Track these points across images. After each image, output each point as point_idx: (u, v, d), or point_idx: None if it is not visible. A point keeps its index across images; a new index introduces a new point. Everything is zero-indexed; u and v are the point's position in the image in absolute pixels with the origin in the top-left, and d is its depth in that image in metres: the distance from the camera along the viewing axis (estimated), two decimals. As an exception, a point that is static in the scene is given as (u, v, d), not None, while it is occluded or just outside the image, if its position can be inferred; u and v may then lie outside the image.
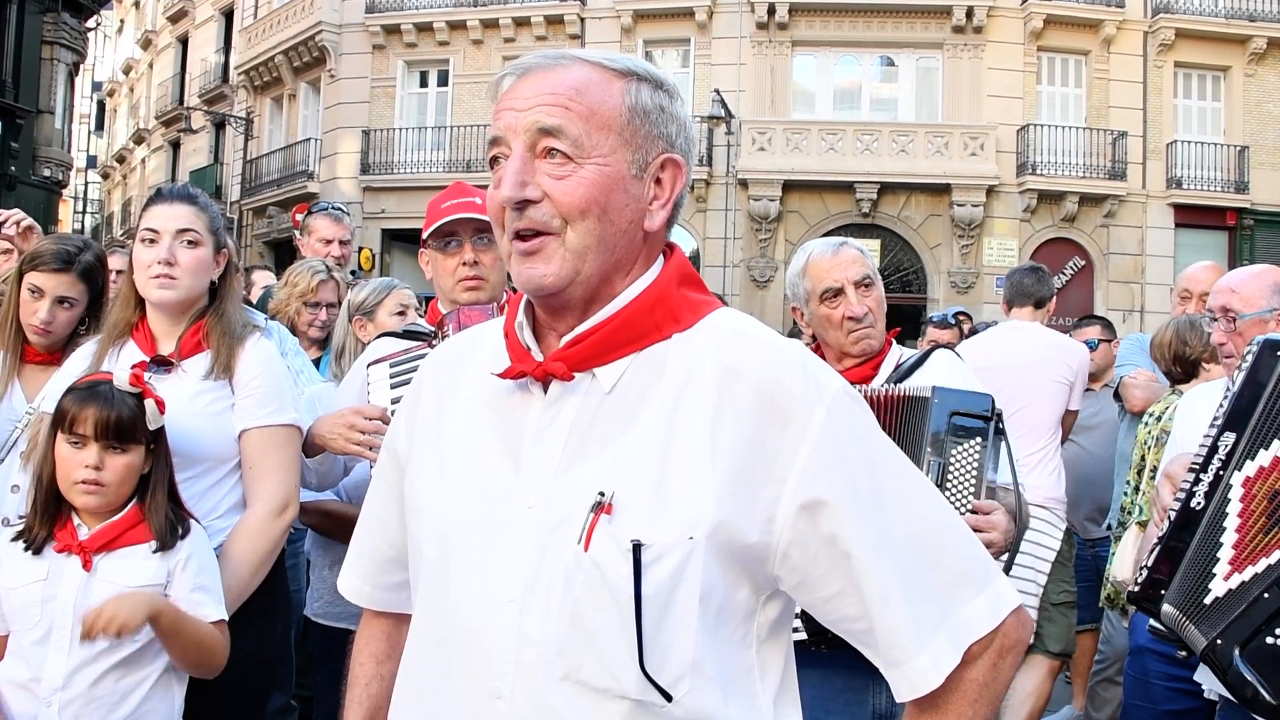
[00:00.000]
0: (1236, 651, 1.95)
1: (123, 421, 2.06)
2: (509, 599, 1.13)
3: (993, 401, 2.24)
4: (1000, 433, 2.26)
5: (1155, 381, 4.28)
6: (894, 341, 2.62)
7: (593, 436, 1.15)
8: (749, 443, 1.12)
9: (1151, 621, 2.23)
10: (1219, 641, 1.98)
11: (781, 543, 1.13)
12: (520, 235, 1.16)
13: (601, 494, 1.11)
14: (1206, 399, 2.90)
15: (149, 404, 2.10)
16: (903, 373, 2.49)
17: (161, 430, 2.15)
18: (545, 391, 1.19)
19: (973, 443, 2.20)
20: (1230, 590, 2.01)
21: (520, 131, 1.15)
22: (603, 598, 1.10)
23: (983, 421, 2.21)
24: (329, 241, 4.35)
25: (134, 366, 2.30)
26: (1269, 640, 1.93)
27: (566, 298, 1.18)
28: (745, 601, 1.16)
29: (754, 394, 1.13)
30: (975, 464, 2.19)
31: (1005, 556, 2.18)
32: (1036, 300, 4.60)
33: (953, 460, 2.20)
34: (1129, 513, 3.87)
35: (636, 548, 1.08)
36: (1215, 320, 2.77)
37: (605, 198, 1.14)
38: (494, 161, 1.18)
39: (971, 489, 2.19)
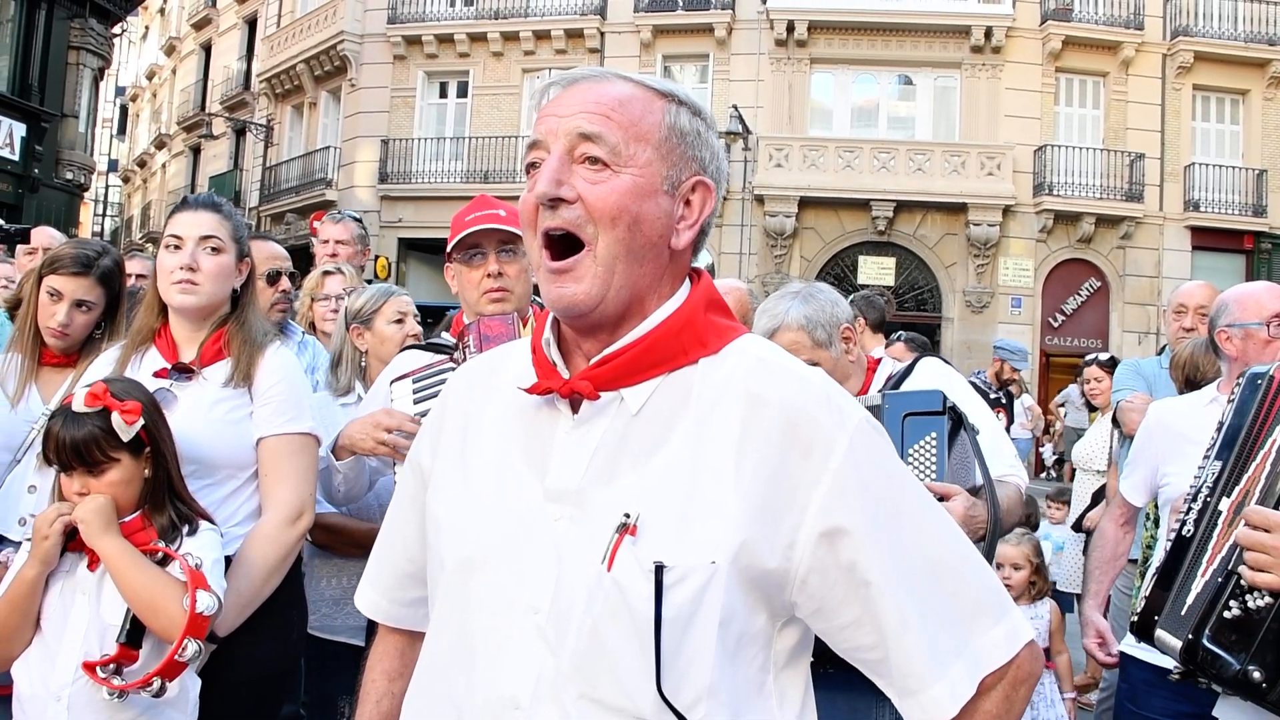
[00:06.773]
0: (1206, 638, 1.96)
1: (79, 445, 2.05)
2: (534, 609, 1.14)
3: (943, 396, 2.27)
4: (959, 424, 2.28)
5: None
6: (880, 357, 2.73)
7: (620, 459, 1.16)
8: (773, 470, 1.12)
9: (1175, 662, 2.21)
10: (1190, 637, 2.00)
11: (801, 569, 1.13)
12: (551, 244, 1.17)
13: (627, 515, 1.11)
14: (1178, 410, 2.98)
15: (114, 418, 2.06)
16: (894, 383, 2.56)
17: (157, 431, 2.13)
18: (574, 410, 1.20)
19: (928, 439, 2.23)
20: (1197, 594, 2.06)
21: (561, 135, 1.17)
22: (622, 618, 1.10)
23: (934, 416, 2.24)
24: (325, 242, 4.52)
25: (155, 373, 2.34)
26: (1225, 614, 1.96)
27: (598, 318, 1.18)
28: (763, 627, 1.16)
29: (779, 422, 1.14)
30: (932, 460, 2.22)
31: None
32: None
33: (910, 460, 2.22)
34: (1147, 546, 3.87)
35: (659, 569, 1.09)
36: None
37: (638, 206, 1.16)
38: (530, 169, 1.20)
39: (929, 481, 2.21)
